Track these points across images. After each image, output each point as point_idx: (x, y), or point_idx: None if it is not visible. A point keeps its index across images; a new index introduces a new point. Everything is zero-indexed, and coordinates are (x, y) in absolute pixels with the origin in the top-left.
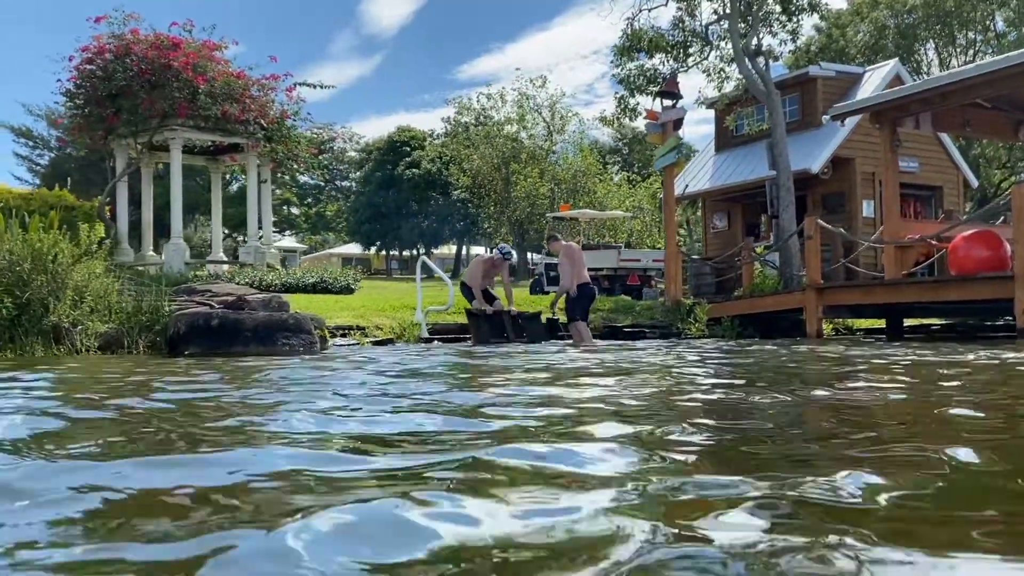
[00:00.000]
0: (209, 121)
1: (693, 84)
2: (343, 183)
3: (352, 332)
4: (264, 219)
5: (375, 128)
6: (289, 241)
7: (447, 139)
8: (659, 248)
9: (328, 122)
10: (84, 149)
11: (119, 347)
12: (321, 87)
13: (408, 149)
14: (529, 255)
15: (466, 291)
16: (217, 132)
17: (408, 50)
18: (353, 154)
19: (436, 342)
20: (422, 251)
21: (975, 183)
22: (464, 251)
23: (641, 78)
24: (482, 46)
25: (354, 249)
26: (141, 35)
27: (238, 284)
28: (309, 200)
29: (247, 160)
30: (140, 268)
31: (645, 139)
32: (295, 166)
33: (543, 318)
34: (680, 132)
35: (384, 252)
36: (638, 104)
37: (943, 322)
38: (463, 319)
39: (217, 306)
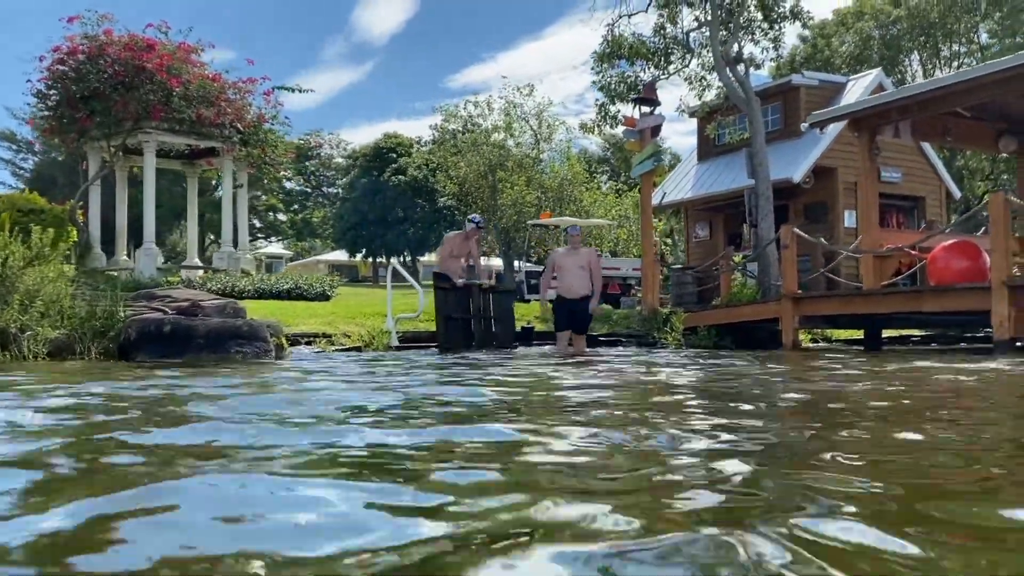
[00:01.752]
0: (184, 124)
1: (680, 93)
2: (330, 189)
3: (317, 340)
4: (240, 224)
5: (366, 135)
6: (275, 247)
7: (434, 146)
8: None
9: (315, 128)
10: (63, 152)
11: (70, 354)
12: (300, 91)
13: (394, 156)
14: (516, 263)
15: (440, 278)
16: (192, 136)
17: (400, 58)
18: (340, 160)
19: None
20: (407, 258)
21: (958, 194)
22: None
23: (622, 85)
24: (474, 55)
25: (342, 256)
26: (115, 36)
27: (209, 290)
28: (295, 206)
29: (223, 164)
30: (113, 273)
31: (624, 146)
32: (272, 170)
33: (516, 317)
34: (658, 139)
35: (371, 259)
36: (619, 111)
37: (923, 333)
38: (435, 327)
39: (171, 312)
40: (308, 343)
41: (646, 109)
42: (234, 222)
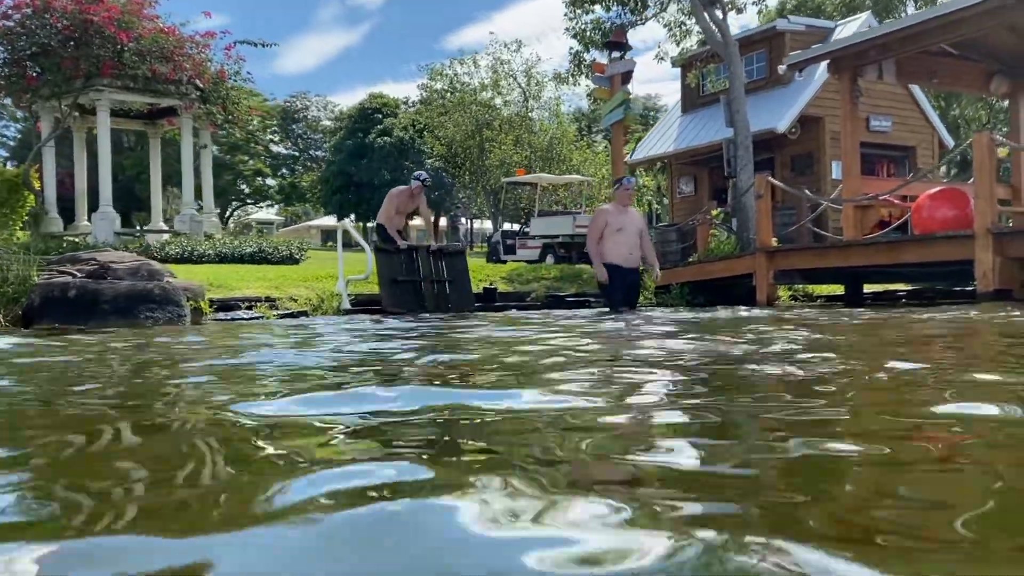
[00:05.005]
0: (138, 81)
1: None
2: (317, 152)
3: (259, 304)
4: (204, 186)
5: (361, 99)
6: (266, 213)
7: (421, 106)
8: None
9: (301, 90)
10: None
11: None
12: (264, 45)
13: (380, 116)
14: (506, 225)
15: (381, 232)
16: (148, 93)
17: (394, 19)
18: (327, 123)
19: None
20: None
21: (951, 143)
22: (444, 222)
23: (597, 32)
24: (469, 15)
25: (333, 221)
26: None
27: (167, 255)
28: (283, 170)
29: (182, 123)
30: (73, 239)
31: (588, 94)
32: (233, 129)
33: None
34: (629, 86)
35: (361, 223)
36: (594, 60)
37: (909, 288)
38: None
39: (79, 275)
40: (249, 307)
41: (616, 54)
42: (198, 183)
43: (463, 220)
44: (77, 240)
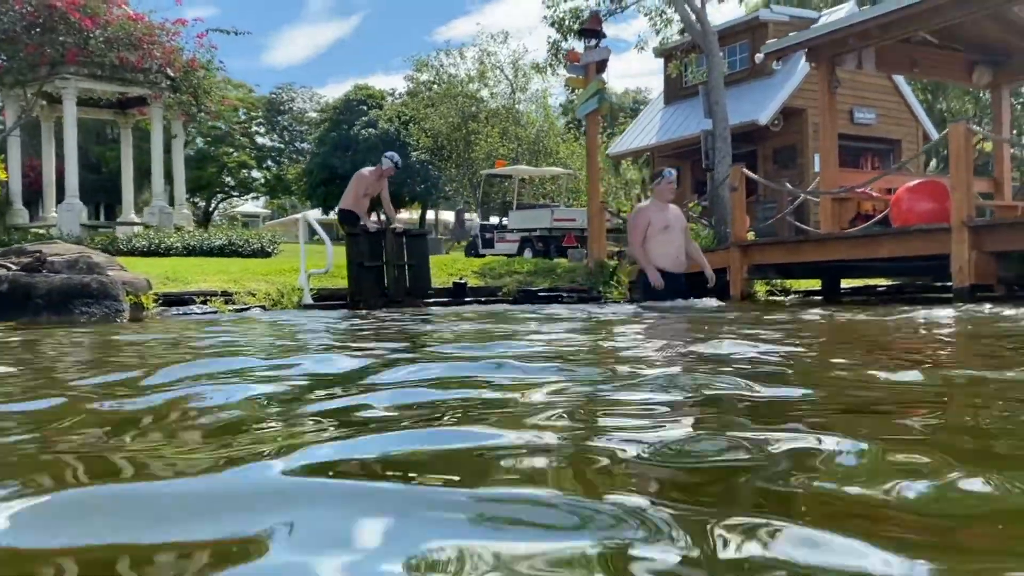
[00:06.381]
0: (106, 70)
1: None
2: (303, 144)
3: (214, 299)
4: (176, 178)
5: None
6: (251, 206)
7: (407, 98)
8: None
9: (288, 82)
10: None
11: None
12: (236, 33)
13: (365, 108)
14: (492, 219)
15: (348, 218)
16: (116, 82)
17: (385, 11)
18: (313, 115)
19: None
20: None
21: (936, 137)
22: (432, 215)
23: (575, 20)
24: (461, 7)
25: (318, 214)
26: None
27: (134, 248)
28: (269, 163)
29: (152, 112)
30: (38, 231)
31: (566, 84)
32: (205, 118)
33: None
34: (604, 75)
35: None
36: (572, 49)
37: (890, 283)
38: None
39: (14, 268)
40: (204, 302)
41: (591, 42)
42: (170, 176)
43: (467, 215)
44: (43, 232)
